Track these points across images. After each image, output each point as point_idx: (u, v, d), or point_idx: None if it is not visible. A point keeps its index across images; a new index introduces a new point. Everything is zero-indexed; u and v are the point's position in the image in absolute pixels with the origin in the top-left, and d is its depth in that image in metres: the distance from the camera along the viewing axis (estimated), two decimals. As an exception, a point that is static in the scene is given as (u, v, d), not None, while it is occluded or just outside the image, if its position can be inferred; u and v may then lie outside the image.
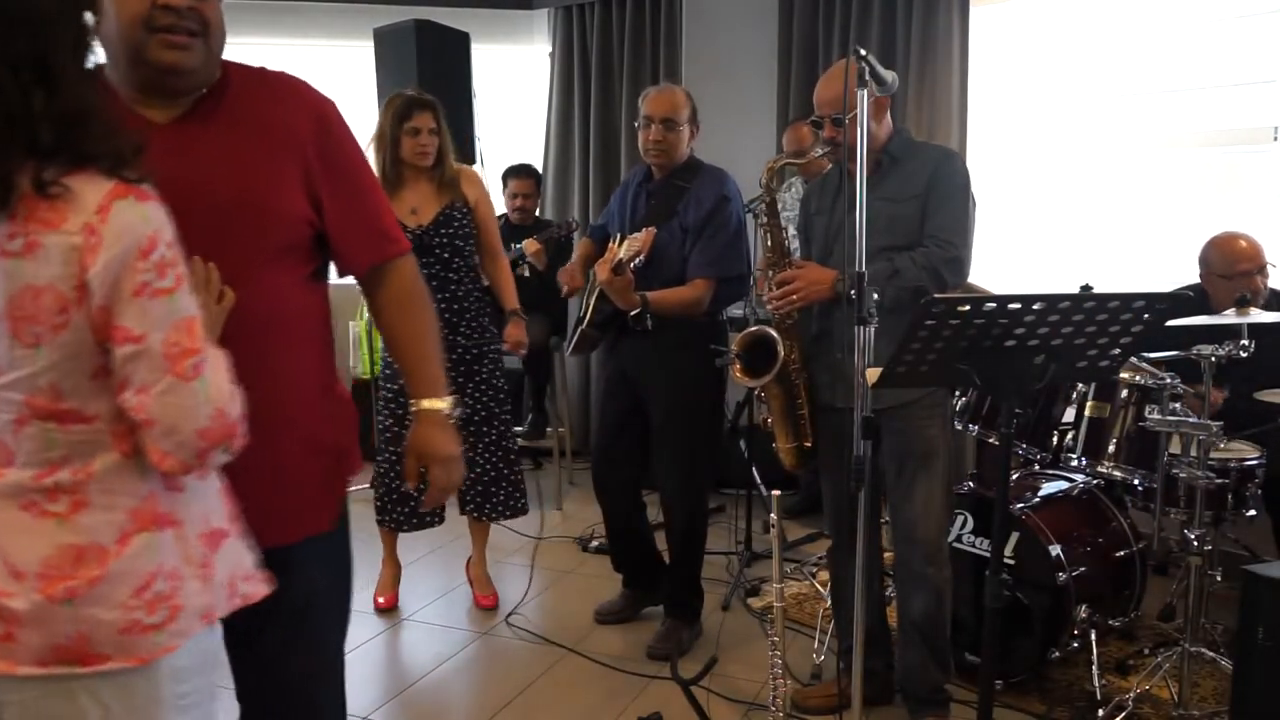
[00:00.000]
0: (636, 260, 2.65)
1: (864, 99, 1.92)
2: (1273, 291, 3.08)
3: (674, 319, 2.83)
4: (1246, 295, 2.65)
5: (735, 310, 3.59)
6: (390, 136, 3.02)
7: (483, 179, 3.25)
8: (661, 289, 2.79)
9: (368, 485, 4.66)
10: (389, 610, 3.32)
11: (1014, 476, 2.97)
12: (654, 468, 3.03)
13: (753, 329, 2.50)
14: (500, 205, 4.71)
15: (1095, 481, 2.93)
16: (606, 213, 3.16)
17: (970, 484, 2.85)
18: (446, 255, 3.06)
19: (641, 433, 3.01)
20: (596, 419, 3.23)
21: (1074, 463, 2.83)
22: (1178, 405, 2.55)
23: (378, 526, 3.27)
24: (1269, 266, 2.99)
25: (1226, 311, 2.60)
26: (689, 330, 2.81)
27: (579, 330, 3.01)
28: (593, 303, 2.95)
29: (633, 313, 2.87)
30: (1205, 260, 3.05)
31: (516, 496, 3.28)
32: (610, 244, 2.93)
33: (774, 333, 2.42)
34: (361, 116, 4.59)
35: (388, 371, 3.20)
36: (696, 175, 2.89)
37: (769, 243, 2.45)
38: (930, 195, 2.28)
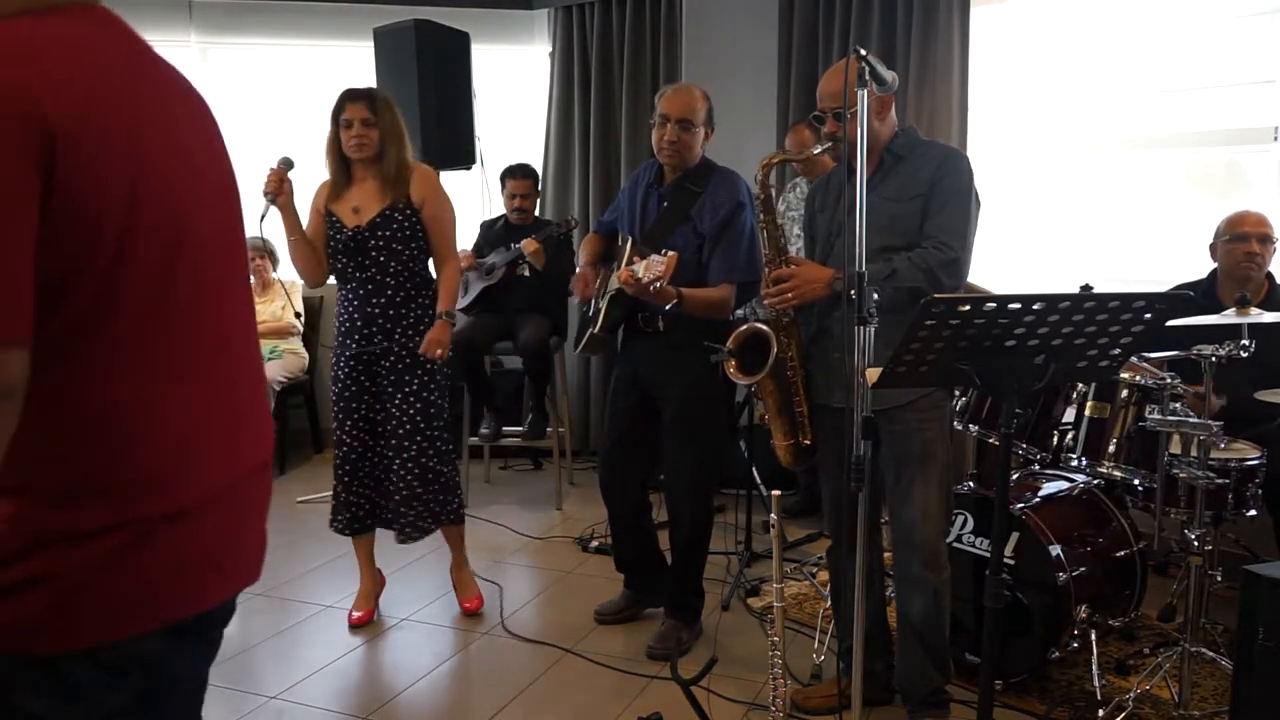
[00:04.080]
0: (656, 284, 2.62)
1: (864, 99, 1.92)
2: (1272, 291, 3.10)
3: (684, 320, 2.83)
4: (1246, 295, 2.65)
5: (737, 310, 3.60)
6: (332, 135, 2.98)
7: (437, 177, 3.12)
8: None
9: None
10: (362, 626, 3.17)
11: (1014, 476, 2.97)
12: (662, 467, 3.03)
13: (745, 326, 2.49)
14: (499, 206, 4.71)
15: (1095, 481, 2.93)
16: (614, 208, 3.14)
17: (970, 484, 2.85)
18: (382, 258, 2.97)
19: (650, 432, 3.01)
20: (605, 418, 3.21)
21: (1074, 463, 2.83)
22: (1178, 405, 2.55)
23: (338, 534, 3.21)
24: (1274, 244, 3.07)
25: (1227, 311, 2.61)
26: (699, 330, 2.80)
27: (589, 334, 3.00)
28: (605, 308, 2.94)
29: (643, 313, 2.88)
30: (1216, 232, 3.17)
31: (427, 517, 3.11)
32: (622, 244, 2.92)
33: (767, 329, 2.41)
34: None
35: (336, 388, 3.10)
36: (709, 179, 2.87)
37: (766, 241, 2.45)
38: (932, 195, 2.27)
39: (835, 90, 2.28)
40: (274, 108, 5.40)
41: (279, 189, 2.93)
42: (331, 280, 3.15)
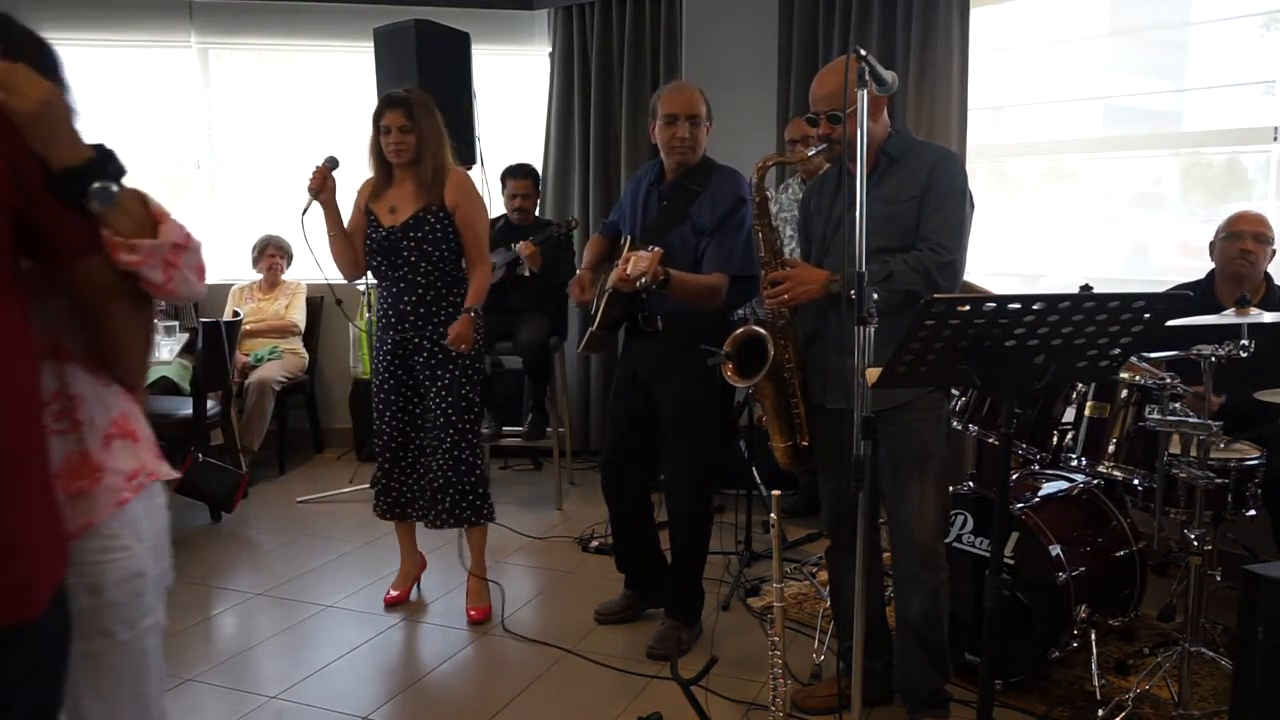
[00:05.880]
0: (642, 280, 2.64)
1: (863, 99, 1.91)
2: (1270, 291, 3.10)
3: (684, 320, 2.84)
4: (1246, 295, 2.65)
5: (737, 311, 3.60)
6: (373, 138, 3.08)
7: (474, 182, 3.20)
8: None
9: (368, 485, 4.70)
10: (396, 605, 3.36)
11: (1014, 476, 2.97)
12: (663, 467, 3.03)
13: (742, 329, 2.49)
14: (500, 206, 4.71)
15: (1095, 481, 2.93)
16: (618, 208, 3.16)
17: (970, 484, 2.85)
18: (414, 258, 3.04)
19: (650, 433, 3.01)
20: (606, 419, 3.22)
21: (1074, 463, 2.83)
22: (1178, 405, 2.55)
23: (385, 521, 3.38)
24: (1271, 245, 3.08)
25: (1226, 311, 2.61)
26: (698, 330, 2.80)
27: (589, 332, 3.01)
28: (603, 306, 2.94)
29: (643, 313, 2.88)
30: (1215, 232, 3.19)
31: (463, 506, 3.16)
32: (622, 245, 2.93)
33: (763, 332, 2.41)
34: (361, 116, 4.57)
35: (377, 380, 3.20)
36: (710, 178, 2.88)
37: (761, 243, 2.44)
38: (927, 197, 2.27)
39: (829, 92, 2.27)
40: (274, 108, 5.40)
41: (322, 186, 3.06)
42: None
